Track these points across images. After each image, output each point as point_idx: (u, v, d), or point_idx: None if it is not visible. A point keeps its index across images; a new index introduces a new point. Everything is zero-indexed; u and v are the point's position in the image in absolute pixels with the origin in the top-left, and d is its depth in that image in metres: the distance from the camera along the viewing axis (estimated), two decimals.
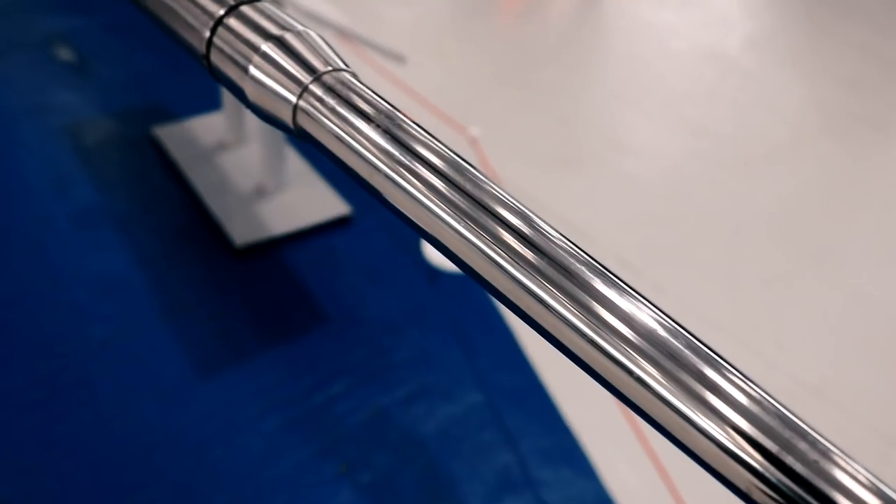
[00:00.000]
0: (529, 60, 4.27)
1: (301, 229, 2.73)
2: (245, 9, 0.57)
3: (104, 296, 2.52)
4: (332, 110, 0.51)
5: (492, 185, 0.50)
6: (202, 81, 3.52)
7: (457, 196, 0.49)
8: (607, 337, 0.45)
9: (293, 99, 0.53)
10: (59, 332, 2.40)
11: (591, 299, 0.45)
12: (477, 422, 2.25)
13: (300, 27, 0.56)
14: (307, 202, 2.81)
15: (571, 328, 0.46)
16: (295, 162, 2.98)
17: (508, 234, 0.47)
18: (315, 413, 2.22)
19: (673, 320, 0.46)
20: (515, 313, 0.49)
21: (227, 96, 2.96)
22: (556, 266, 0.46)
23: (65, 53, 3.76)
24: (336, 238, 2.77)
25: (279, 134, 2.75)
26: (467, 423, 2.24)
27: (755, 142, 3.77)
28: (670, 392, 0.43)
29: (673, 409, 0.43)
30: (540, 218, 0.49)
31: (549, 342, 0.48)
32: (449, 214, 0.48)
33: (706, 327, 2.62)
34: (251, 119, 3.11)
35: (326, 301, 2.54)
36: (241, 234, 2.66)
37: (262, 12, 0.57)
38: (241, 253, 2.65)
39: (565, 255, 0.47)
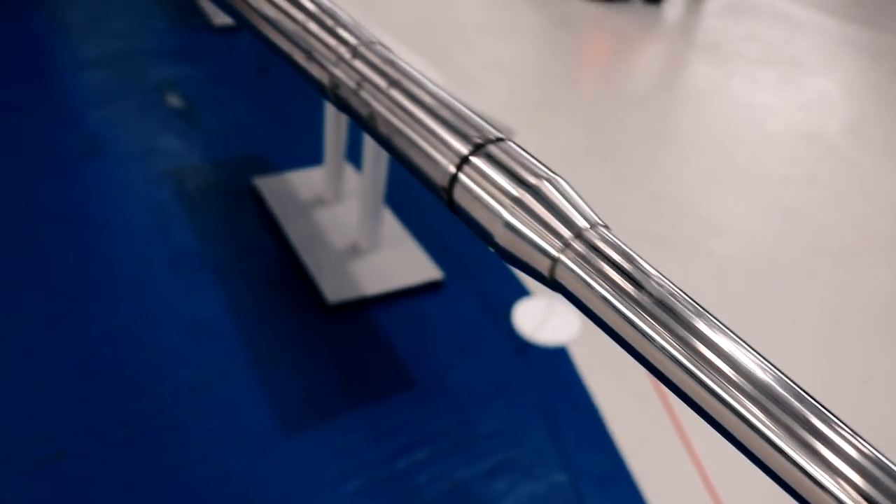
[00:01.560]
0: (622, 135, 4.26)
1: (393, 291, 2.75)
2: (493, 150, 0.57)
3: (196, 341, 2.57)
4: (599, 271, 0.50)
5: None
6: (304, 136, 3.62)
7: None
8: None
9: (554, 253, 0.52)
10: (151, 374, 2.45)
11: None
12: (559, 503, 2.20)
13: (551, 173, 0.55)
14: (400, 264, 2.83)
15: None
16: (390, 222, 3.02)
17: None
18: (396, 479, 2.19)
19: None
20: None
21: (329, 152, 3.02)
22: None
23: (174, 100, 3.91)
24: (427, 302, 2.78)
25: (377, 194, 2.79)
26: (549, 503, 2.19)
27: (854, 231, 3.67)
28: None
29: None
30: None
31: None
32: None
33: None
34: (350, 177, 3.17)
35: (413, 365, 2.54)
36: (333, 291, 2.68)
37: (512, 155, 0.57)
38: (332, 309, 2.67)
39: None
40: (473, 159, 0.57)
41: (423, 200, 3.28)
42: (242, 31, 4.73)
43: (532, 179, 0.54)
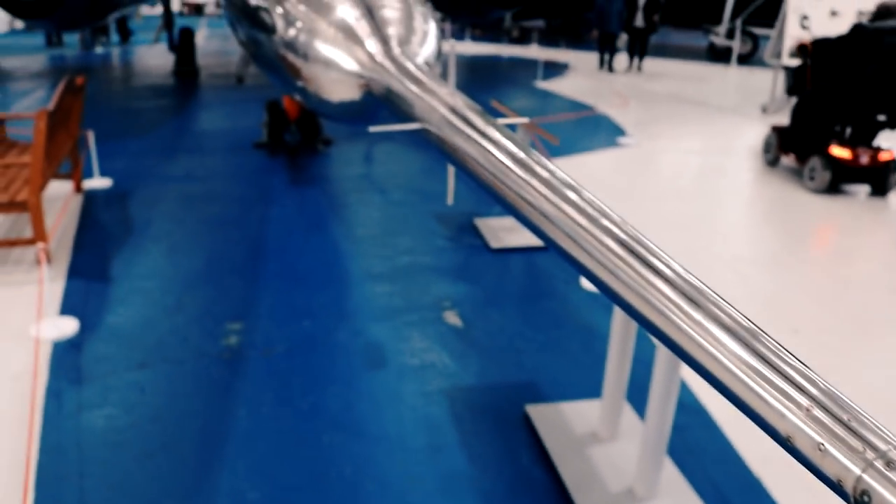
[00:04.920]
0: None
1: None
2: None
3: None
4: None
5: None
6: (578, 364, 3.59)
7: None
8: None
9: None
10: None
11: None
12: None
13: None
14: None
15: None
16: (668, 469, 2.84)
17: None
18: None
19: None
20: None
21: (608, 387, 2.94)
22: None
23: (451, 318, 4.07)
24: None
25: (661, 441, 2.64)
26: None
27: None
28: None
29: None
30: None
31: None
32: None
33: None
34: (628, 416, 3.06)
35: None
36: None
37: None
38: None
39: None
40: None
41: (702, 450, 3.07)
42: (517, 253, 4.92)
43: None
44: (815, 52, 7.21)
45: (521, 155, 1.81)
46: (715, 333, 1.55)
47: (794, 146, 7.27)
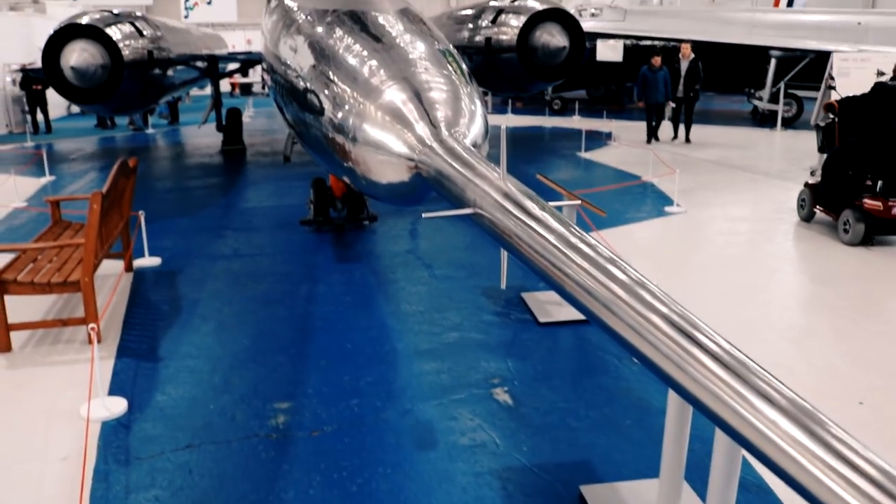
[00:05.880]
0: None
1: None
2: None
3: None
4: None
5: None
6: (632, 442, 3.48)
7: None
8: None
9: None
10: None
11: None
12: None
13: None
14: None
15: None
16: None
17: None
18: None
19: None
20: None
21: (666, 467, 2.83)
22: None
23: (501, 395, 3.99)
24: None
25: None
26: None
27: None
28: None
29: None
30: None
31: None
32: None
33: None
34: (688, 497, 2.93)
35: None
36: None
37: None
38: None
39: None
40: None
41: None
42: (566, 327, 4.85)
43: None
44: (842, 109, 7.68)
45: (576, 241, 1.80)
46: (783, 426, 1.47)
47: (827, 201, 7.44)
